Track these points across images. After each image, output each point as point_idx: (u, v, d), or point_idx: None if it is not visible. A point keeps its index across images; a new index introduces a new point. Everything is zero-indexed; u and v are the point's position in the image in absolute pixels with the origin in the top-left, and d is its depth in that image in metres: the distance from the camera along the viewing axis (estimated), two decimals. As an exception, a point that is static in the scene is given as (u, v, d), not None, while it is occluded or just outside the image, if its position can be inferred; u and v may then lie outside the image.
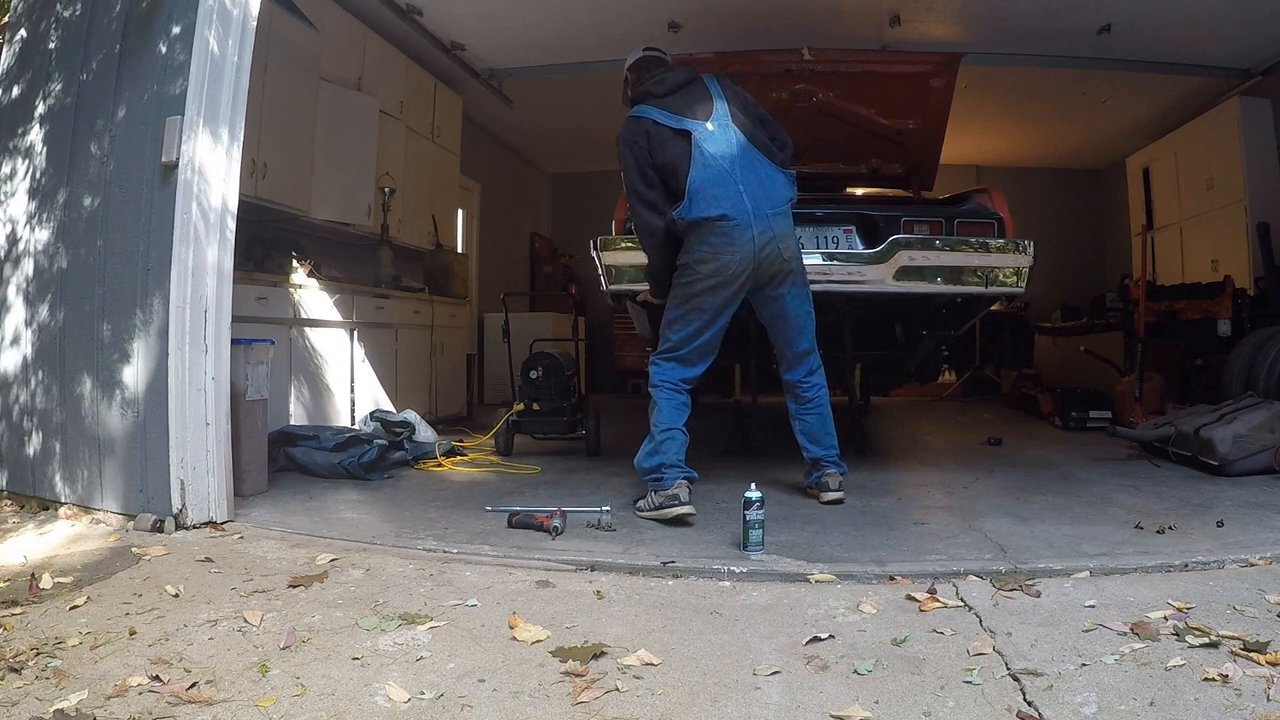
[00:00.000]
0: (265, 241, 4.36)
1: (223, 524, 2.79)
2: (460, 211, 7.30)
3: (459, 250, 6.99)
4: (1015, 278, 3.34)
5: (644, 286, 3.30)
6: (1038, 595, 2.06)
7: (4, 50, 3.43)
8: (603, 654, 1.75)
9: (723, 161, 2.90)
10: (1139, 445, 4.20)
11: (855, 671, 1.66)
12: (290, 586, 2.18)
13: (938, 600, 2.03)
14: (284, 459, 3.67)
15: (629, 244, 3.29)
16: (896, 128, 4.43)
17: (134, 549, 2.52)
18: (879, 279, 3.30)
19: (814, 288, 3.15)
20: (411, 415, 4.35)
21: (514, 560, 2.42)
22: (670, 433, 2.92)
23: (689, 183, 2.88)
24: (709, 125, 2.94)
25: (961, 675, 1.62)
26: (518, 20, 5.33)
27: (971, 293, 3.38)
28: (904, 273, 3.29)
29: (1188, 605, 1.92)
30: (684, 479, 2.85)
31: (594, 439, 4.35)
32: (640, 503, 2.94)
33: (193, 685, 1.60)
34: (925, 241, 3.33)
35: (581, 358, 5.60)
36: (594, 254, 3.40)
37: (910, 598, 2.06)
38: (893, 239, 3.29)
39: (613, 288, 3.41)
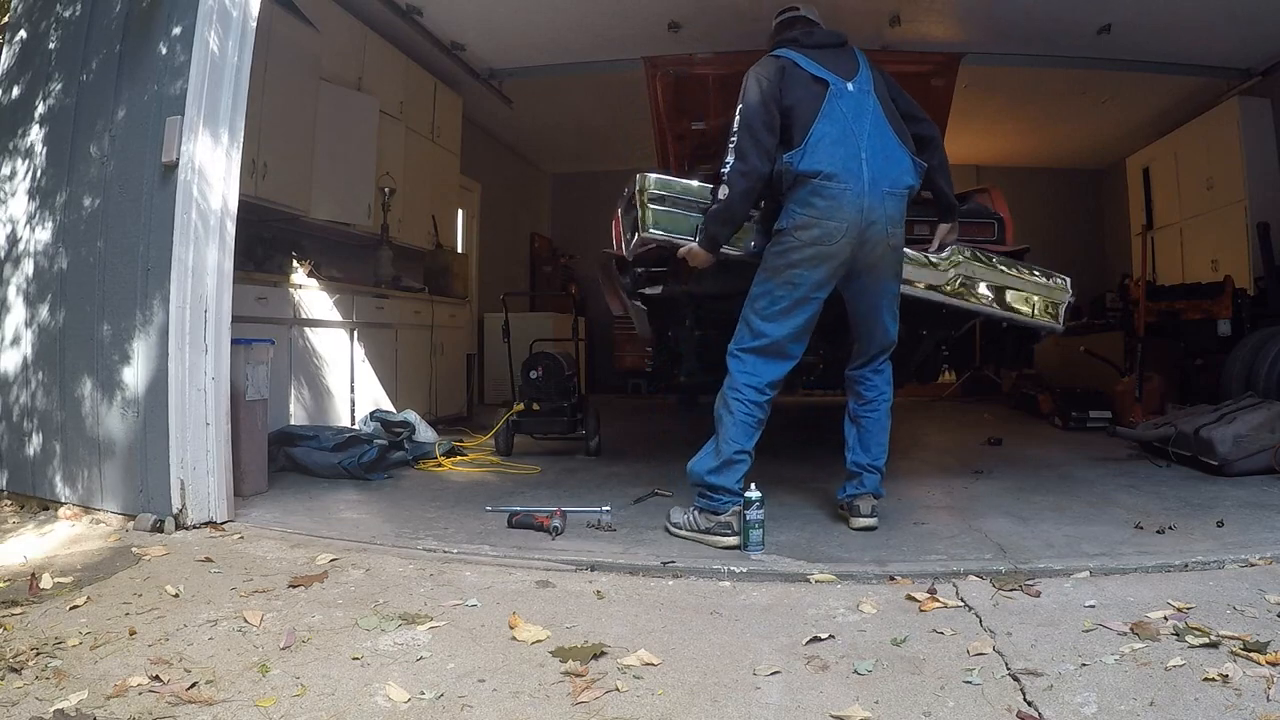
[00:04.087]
0: (265, 241, 4.36)
1: (223, 524, 2.79)
2: (460, 211, 7.30)
3: (459, 250, 6.99)
4: (1056, 314, 3.20)
5: (688, 240, 2.78)
6: (1038, 595, 2.06)
7: (4, 50, 3.43)
8: (603, 654, 1.75)
9: (852, 122, 2.61)
10: (1139, 445, 4.20)
11: (855, 671, 1.66)
12: (290, 586, 2.18)
13: (938, 600, 2.03)
14: (284, 459, 3.67)
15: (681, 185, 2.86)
16: (896, 128, 4.42)
17: (134, 549, 2.52)
18: (935, 287, 3.05)
19: None
20: (411, 415, 4.35)
21: (514, 560, 2.42)
22: (741, 455, 2.62)
23: (811, 133, 2.58)
24: (849, 85, 2.66)
25: (961, 675, 1.62)
26: (518, 20, 5.33)
27: (1020, 320, 3.18)
28: (961, 285, 3.06)
29: (1188, 605, 1.92)
30: (738, 507, 2.56)
31: (594, 439, 4.35)
32: (679, 518, 2.67)
33: (193, 685, 1.60)
34: (987, 257, 3.13)
35: (581, 358, 5.60)
36: (632, 194, 2.87)
37: (910, 598, 2.06)
38: (957, 247, 3.06)
39: (651, 233, 2.81)
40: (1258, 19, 4.97)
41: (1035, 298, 3.15)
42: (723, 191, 2.63)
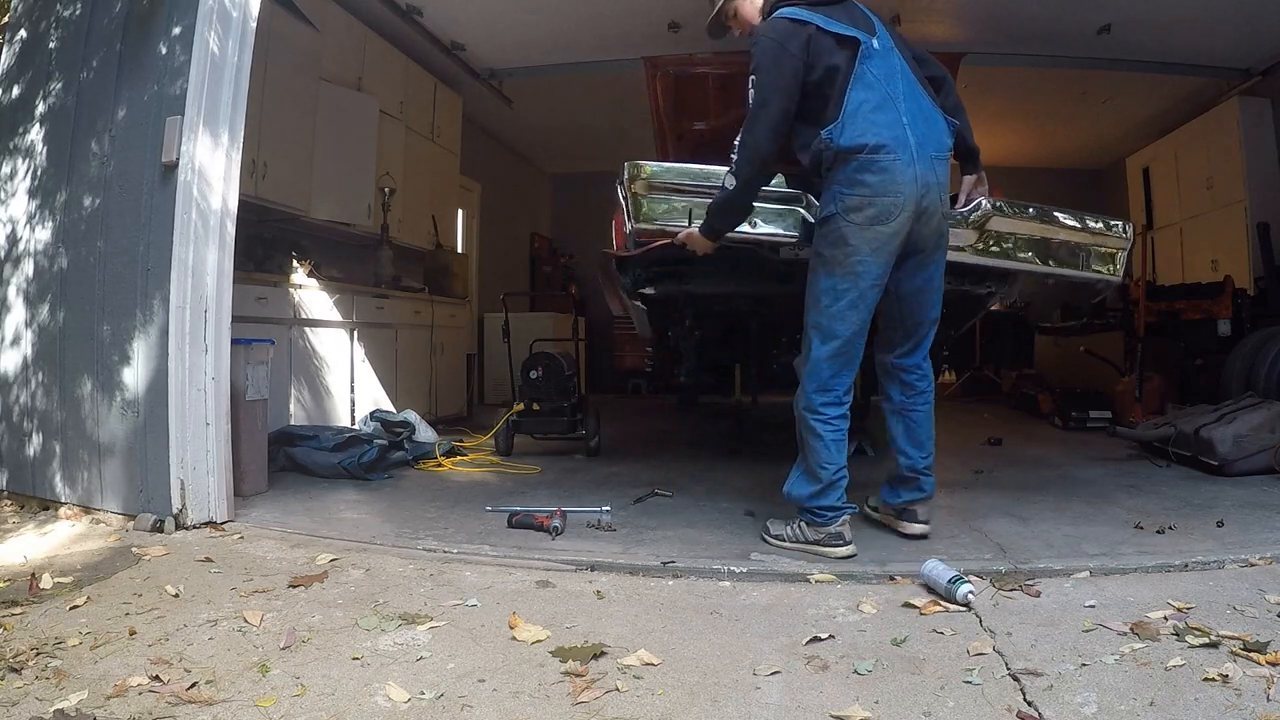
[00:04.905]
0: (265, 241, 4.36)
1: (223, 524, 2.79)
2: (460, 211, 7.30)
3: (459, 250, 6.99)
4: (1113, 264, 2.91)
5: (681, 225, 2.63)
6: (1038, 595, 2.06)
7: (4, 50, 3.43)
8: (603, 654, 1.75)
9: (886, 84, 2.38)
10: (1139, 445, 4.20)
11: (855, 671, 1.66)
12: (290, 586, 2.18)
13: (938, 601, 2.03)
14: (284, 459, 3.67)
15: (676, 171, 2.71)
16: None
17: (134, 549, 2.52)
18: (959, 246, 2.75)
19: None
20: (411, 415, 4.35)
21: (514, 560, 2.42)
22: (841, 473, 2.45)
23: (846, 103, 2.34)
24: (875, 43, 2.41)
25: (961, 675, 1.62)
26: (518, 20, 5.33)
27: (1066, 275, 2.91)
28: (991, 241, 2.79)
29: (1188, 605, 1.92)
30: (848, 516, 2.46)
31: (594, 439, 4.35)
32: (780, 530, 2.54)
33: (193, 685, 1.60)
34: (1018, 207, 2.84)
35: (581, 358, 5.60)
36: (620, 186, 2.72)
37: (910, 603, 2.06)
38: (980, 200, 2.77)
39: (643, 225, 2.68)
40: (1258, 19, 4.97)
41: (1084, 249, 2.90)
42: (729, 180, 2.44)
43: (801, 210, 2.63)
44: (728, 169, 2.45)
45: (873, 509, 2.75)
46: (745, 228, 2.61)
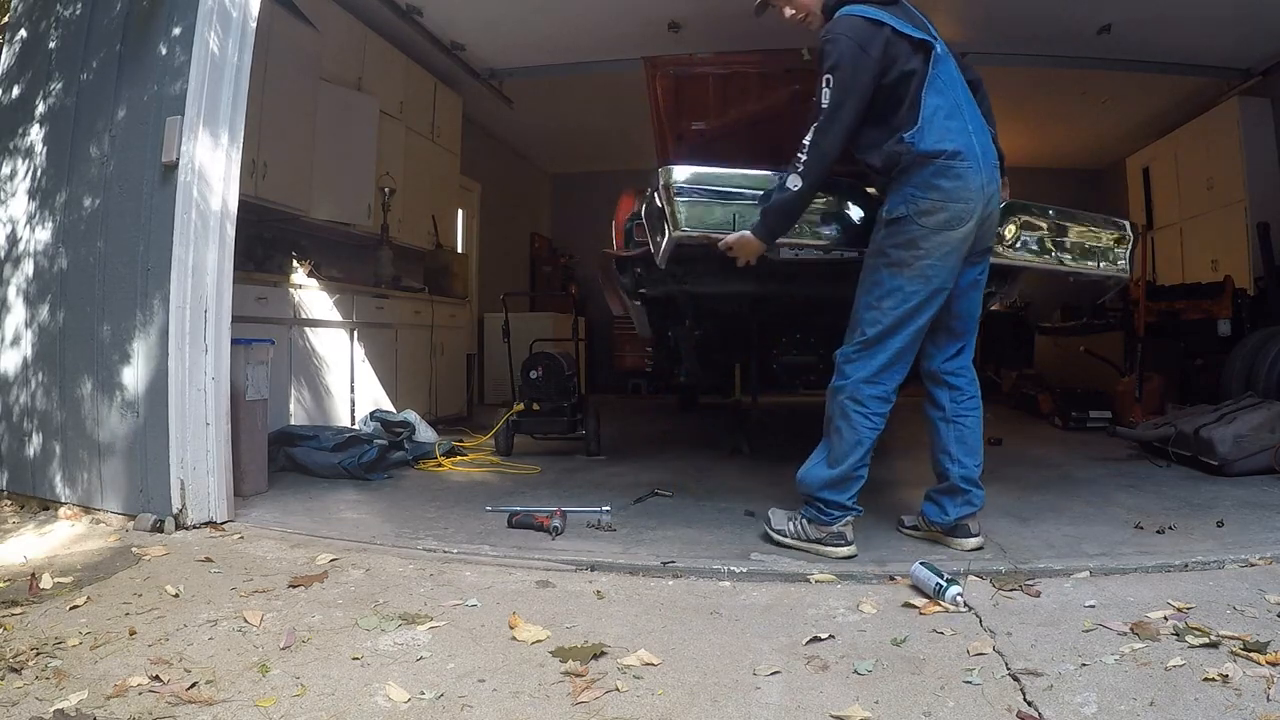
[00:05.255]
0: (265, 241, 4.36)
1: (223, 524, 2.79)
2: (460, 211, 7.30)
3: (459, 250, 6.99)
4: (1126, 262, 2.98)
5: (725, 231, 2.54)
6: (1038, 595, 2.06)
7: (4, 50, 3.43)
8: (603, 654, 1.75)
9: (952, 91, 2.40)
10: (1139, 445, 4.20)
11: (855, 671, 1.66)
12: (290, 586, 2.18)
13: (938, 601, 2.03)
14: (284, 459, 3.67)
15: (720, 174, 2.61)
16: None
17: (134, 549, 2.52)
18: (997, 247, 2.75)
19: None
20: (411, 415, 4.35)
21: (514, 560, 2.42)
22: (861, 471, 2.44)
23: (923, 108, 2.33)
24: (939, 46, 2.42)
25: (961, 675, 1.62)
26: (518, 20, 5.33)
27: (1085, 274, 2.94)
28: (1019, 242, 2.81)
29: (1188, 605, 1.92)
30: (852, 516, 2.44)
31: (594, 439, 4.35)
32: (783, 525, 2.53)
33: (193, 685, 1.60)
34: (1041, 209, 2.87)
35: (581, 358, 5.60)
36: (656, 194, 2.60)
37: (910, 603, 2.06)
38: (1009, 201, 2.74)
39: (685, 231, 2.54)
40: (1258, 19, 4.97)
41: (1099, 248, 2.94)
42: (793, 182, 2.35)
43: (849, 213, 2.63)
44: (791, 169, 2.37)
45: (911, 528, 2.65)
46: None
